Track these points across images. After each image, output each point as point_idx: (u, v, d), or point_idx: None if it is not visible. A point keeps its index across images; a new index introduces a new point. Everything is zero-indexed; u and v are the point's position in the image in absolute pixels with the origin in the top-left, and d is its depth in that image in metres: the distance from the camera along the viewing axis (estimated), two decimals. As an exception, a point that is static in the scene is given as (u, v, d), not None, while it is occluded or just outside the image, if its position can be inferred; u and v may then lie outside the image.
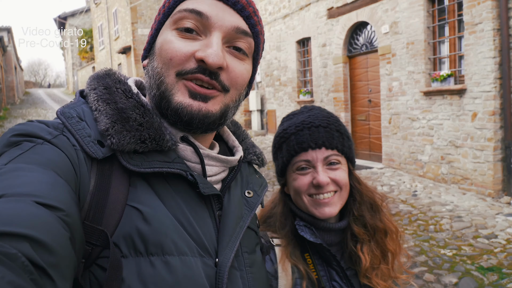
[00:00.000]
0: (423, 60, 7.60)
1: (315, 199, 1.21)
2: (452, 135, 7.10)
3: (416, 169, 7.99)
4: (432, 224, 5.62)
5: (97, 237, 0.63)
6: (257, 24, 0.84)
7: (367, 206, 1.28)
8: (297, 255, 1.21)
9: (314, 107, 1.33)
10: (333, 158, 1.22)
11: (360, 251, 1.22)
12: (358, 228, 1.24)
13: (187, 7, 0.78)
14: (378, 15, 8.73)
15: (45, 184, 0.56)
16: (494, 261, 4.41)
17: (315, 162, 1.20)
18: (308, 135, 1.21)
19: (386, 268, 1.24)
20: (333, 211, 1.21)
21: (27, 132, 0.65)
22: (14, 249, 0.45)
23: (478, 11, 6.42)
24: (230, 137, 0.98)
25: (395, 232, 1.30)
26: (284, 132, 1.26)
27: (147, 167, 0.71)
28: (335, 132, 1.24)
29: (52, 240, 0.50)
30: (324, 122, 1.24)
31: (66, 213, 0.55)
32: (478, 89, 6.53)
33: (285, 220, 1.27)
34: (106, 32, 27.69)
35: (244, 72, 0.83)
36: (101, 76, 0.82)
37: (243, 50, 0.82)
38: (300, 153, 1.21)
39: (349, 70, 10.14)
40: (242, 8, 0.81)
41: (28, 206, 0.51)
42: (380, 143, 9.13)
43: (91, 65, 33.98)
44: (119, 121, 0.72)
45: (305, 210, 1.24)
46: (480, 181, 6.60)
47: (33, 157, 0.60)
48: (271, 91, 13.86)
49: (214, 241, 0.76)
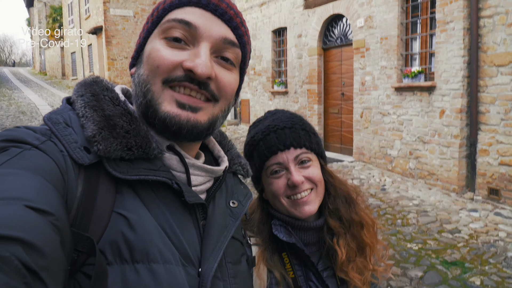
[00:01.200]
0: (396, 56, 7.73)
1: (293, 200, 1.22)
2: (421, 131, 7.29)
3: (385, 163, 8.18)
4: (400, 218, 5.79)
5: (83, 244, 0.63)
6: (244, 35, 0.86)
7: (342, 199, 1.30)
8: (275, 259, 1.21)
9: (278, 110, 1.36)
10: (303, 157, 1.23)
11: (336, 245, 1.23)
12: (333, 221, 1.26)
13: (175, 17, 0.79)
14: (354, 8, 8.78)
15: (34, 188, 0.56)
16: (457, 255, 4.61)
17: (286, 164, 1.22)
18: (275, 138, 1.23)
19: (362, 261, 1.25)
20: (312, 208, 1.22)
21: (14, 138, 0.64)
22: (7, 252, 0.45)
23: (450, 10, 6.56)
24: (216, 147, 0.98)
25: (371, 224, 1.32)
26: (252, 140, 1.28)
27: (132, 175, 0.71)
28: (300, 131, 1.26)
29: (44, 244, 0.50)
30: (289, 123, 1.26)
31: (56, 218, 0.55)
32: (447, 87, 6.71)
33: (263, 225, 1.27)
34: (76, 11, 26.73)
35: (233, 82, 0.84)
36: (89, 83, 0.82)
37: (231, 60, 0.83)
38: (270, 157, 1.23)
39: (323, 62, 10.19)
40: (230, 19, 0.82)
41: (19, 209, 0.51)
42: (351, 136, 9.28)
43: (59, 44, 32.80)
44: (106, 127, 0.72)
45: (286, 213, 1.25)
46: (445, 176, 6.82)
47: (21, 163, 0.60)
48: (246, 80, 13.79)
49: (198, 250, 0.76)
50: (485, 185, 6.29)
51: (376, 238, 1.32)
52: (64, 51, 31.39)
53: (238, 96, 0.93)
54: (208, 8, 0.80)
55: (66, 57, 30.72)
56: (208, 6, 0.80)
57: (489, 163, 6.24)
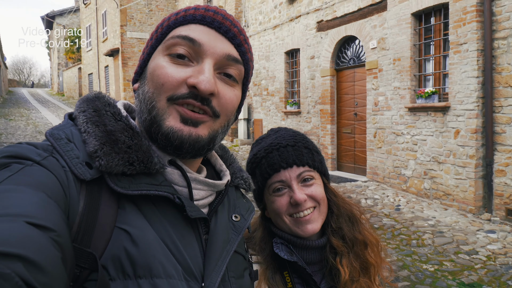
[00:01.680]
0: (409, 77, 7.76)
1: (295, 218, 1.21)
2: (435, 151, 7.24)
3: (399, 183, 8.11)
4: (415, 239, 5.71)
5: (86, 260, 0.63)
6: (247, 52, 0.86)
7: (345, 218, 1.28)
8: (276, 278, 1.20)
9: (281, 128, 1.35)
10: (306, 175, 1.22)
11: (339, 264, 1.21)
12: (336, 240, 1.24)
13: (180, 34, 0.80)
14: (366, 30, 8.89)
15: (36, 204, 0.56)
16: (474, 277, 4.51)
17: (289, 181, 1.21)
18: (277, 156, 1.22)
19: (366, 281, 1.23)
20: (315, 227, 1.21)
21: (16, 154, 0.64)
22: (8, 269, 0.45)
23: (464, 31, 6.61)
24: (218, 161, 0.98)
25: (376, 244, 1.30)
26: (255, 157, 1.27)
27: (134, 190, 0.71)
28: (303, 149, 1.25)
29: (44, 261, 0.50)
30: (291, 141, 1.25)
31: (57, 234, 0.55)
32: (461, 107, 6.70)
33: (265, 244, 1.27)
34: (94, 33, 27.45)
35: (234, 99, 0.84)
36: (91, 99, 0.82)
37: (234, 77, 0.83)
38: (273, 174, 1.22)
39: (336, 83, 10.27)
40: (233, 36, 0.83)
41: (20, 226, 0.51)
42: (364, 156, 9.25)
43: (77, 66, 33.58)
44: (108, 143, 0.72)
45: (288, 231, 1.23)
46: (461, 197, 6.74)
47: (23, 179, 0.60)
48: (259, 100, 13.93)
49: (201, 265, 0.76)
50: (503, 205, 6.19)
51: (380, 257, 1.30)
52: (82, 72, 32.10)
53: (239, 112, 0.93)
54: (212, 26, 0.81)
55: (84, 78, 31.39)
56: (212, 24, 0.81)
57: (506, 183, 6.16)
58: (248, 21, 14.46)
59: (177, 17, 0.83)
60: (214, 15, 0.81)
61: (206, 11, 0.82)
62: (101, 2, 25.27)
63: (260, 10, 13.61)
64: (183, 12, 0.83)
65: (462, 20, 6.63)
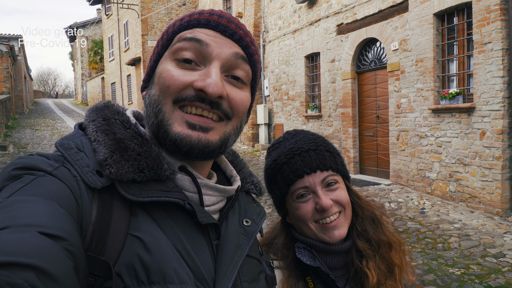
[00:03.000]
0: (432, 78, 7.66)
1: (322, 224, 1.18)
2: (461, 153, 7.10)
3: (423, 186, 7.98)
4: (441, 243, 5.60)
5: (100, 268, 0.63)
6: (254, 54, 0.86)
7: (369, 220, 1.26)
8: (299, 285, 1.18)
9: (297, 131, 1.32)
10: (330, 179, 1.19)
11: (366, 268, 1.18)
12: (362, 243, 1.22)
13: (186, 36, 0.80)
14: (387, 32, 8.83)
15: (48, 214, 0.56)
16: (502, 280, 4.39)
17: (313, 187, 1.18)
18: (300, 161, 1.19)
19: (392, 284, 1.21)
20: (342, 232, 1.19)
21: (27, 165, 0.65)
22: (21, 279, 0.46)
23: (488, 30, 6.49)
24: (228, 167, 0.98)
25: (399, 244, 1.27)
26: (275, 163, 1.24)
27: (145, 196, 0.71)
28: (325, 153, 1.22)
29: (57, 270, 0.50)
30: (313, 145, 1.22)
31: (69, 243, 0.56)
32: (487, 108, 6.56)
33: (287, 250, 1.24)
34: (116, 44, 28.04)
35: (245, 99, 0.84)
36: (100, 108, 0.83)
37: (241, 79, 0.83)
38: (296, 181, 1.19)
39: (357, 86, 10.21)
40: (239, 39, 0.82)
41: (32, 236, 0.51)
42: (388, 159, 9.14)
43: (100, 76, 34.34)
44: (118, 151, 0.72)
45: (314, 237, 1.21)
46: (488, 199, 6.58)
47: (35, 189, 0.61)
48: (279, 105, 13.95)
49: (212, 270, 0.75)
50: (532, 208, 6.02)
51: (404, 258, 1.28)
52: (105, 82, 32.79)
53: (249, 115, 0.92)
54: (218, 29, 0.80)
55: (107, 88, 32.05)
56: (218, 27, 0.80)
57: (535, 185, 5.98)
58: (268, 26, 14.54)
59: (182, 22, 0.83)
60: (219, 19, 0.81)
61: (210, 15, 0.82)
62: (122, 12, 25.83)
63: (280, 15, 13.67)
64: (187, 17, 0.83)
65: (486, 19, 6.52)
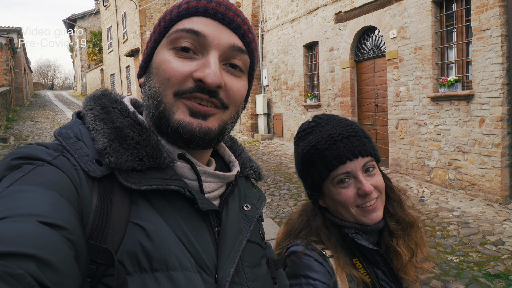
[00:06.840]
0: (431, 66, 7.61)
1: (362, 208, 1.23)
2: (460, 140, 7.09)
3: (423, 174, 7.99)
4: (439, 230, 5.62)
5: (102, 256, 0.64)
6: (252, 41, 0.86)
7: (397, 202, 1.33)
8: (348, 262, 1.22)
9: (329, 115, 1.34)
10: (370, 164, 1.24)
11: (398, 247, 1.26)
12: (393, 224, 1.29)
13: (183, 27, 0.79)
14: (385, 20, 8.75)
15: (48, 204, 0.57)
16: (501, 267, 4.41)
17: (355, 173, 1.21)
18: (342, 147, 1.21)
19: (414, 260, 1.30)
20: (380, 214, 1.25)
21: (27, 155, 0.66)
22: (21, 269, 0.46)
23: (486, 17, 6.43)
24: (226, 152, 0.99)
25: (417, 223, 1.36)
26: (315, 148, 1.25)
27: (145, 185, 0.71)
28: (364, 139, 1.25)
29: (57, 259, 0.50)
30: (352, 131, 1.25)
31: (70, 232, 0.56)
32: (486, 95, 6.53)
33: (329, 231, 1.28)
34: (115, 35, 27.91)
35: (242, 89, 0.84)
36: (98, 96, 0.83)
37: (239, 67, 0.83)
38: (339, 166, 1.21)
39: (356, 74, 10.16)
40: (237, 27, 0.82)
41: (33, 226, 0.51)
42: (387, 148, 9.13)
43: (99, 67, 34.23)
44: (117, 139, 0.73)
45: (353, 220, 1.25)
46: (487, 187, 6.59)
47: (35, 179, 0.61)
48: (278, 95, 13.91)
49: (214, 257, 0.76)
50: (531, 195, 6.02)
51: (422, 236, 1.35)
52: (104, 73, 32.70)
53: (246, 102, 0.93)
54: (216, 17, 0.80)
55: (106, 79, 32.02)
56: (216, 15, 0.80)
57: (534, 172, 5.98)
58: (266, 16, 14.43)
59: (180, 9, 0.82)
60: (217, 6, 0.81)
61: (208, 3, 0.81)
62: (120, 3, 25.65)
63: (278, 4, 13.56)
64: (185, 4, 0.82)
65: (485, 5, 6.45)
